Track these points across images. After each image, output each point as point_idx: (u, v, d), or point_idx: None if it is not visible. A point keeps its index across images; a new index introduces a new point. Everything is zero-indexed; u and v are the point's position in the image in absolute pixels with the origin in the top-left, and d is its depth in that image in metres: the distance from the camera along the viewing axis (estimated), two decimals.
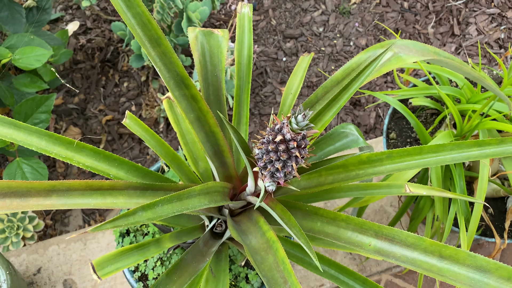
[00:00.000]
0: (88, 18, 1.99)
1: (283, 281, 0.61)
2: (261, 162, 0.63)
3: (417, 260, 0.60)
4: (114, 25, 1.64)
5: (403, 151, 0.62)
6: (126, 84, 1.83)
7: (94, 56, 1.88)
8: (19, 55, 1.28)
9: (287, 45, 1.84)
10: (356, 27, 1.88)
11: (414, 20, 1.90)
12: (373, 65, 0.65)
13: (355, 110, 1.72)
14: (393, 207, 1.44)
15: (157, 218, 0.49)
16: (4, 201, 0.57)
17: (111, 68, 1.87)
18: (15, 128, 0.69)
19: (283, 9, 1.93)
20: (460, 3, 1.94)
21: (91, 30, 1.96)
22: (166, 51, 0.67)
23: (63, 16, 2.02)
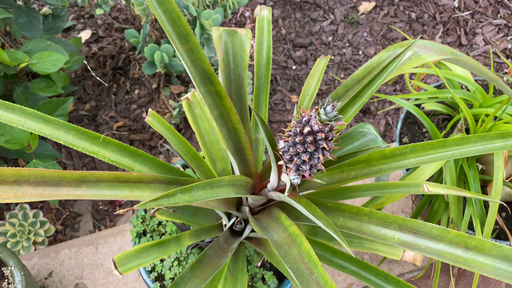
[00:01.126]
0: (100, 27, 2.03)
1: (308, 272, 0.62)
2: (287, 155, 0.64)
3: (442, 252, 0.61)
4: (127, 33, 1.67)
5: (426, 144, 0.64)
6: (137, 91, 1.85)
7: (106, 64, 1.91)
8: (36, 60, 1.30)
9: (296, 53, 1.87)
10: (365, 37, 1.91)
11: (422, 30, 1.93)
12: (396, 61, 0.66)
13: (365, 118, 1.73)
14: (404, 213, 1.44)
15: (193, 201, 0.50)
16: (37, 190, 0.58)
17: (123, 75, 1.89)
18: (43, 122, 0.70)
19: (293, 18, 1.96)
20: (466, 14, 1.97)
21: (103, 38, 1.99)
22: (194, 48, 0.68)
23: (75, 25, 2.05)
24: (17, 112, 0.69)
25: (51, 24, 1.58)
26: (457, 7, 1.99)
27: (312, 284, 0.60)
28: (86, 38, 1.98)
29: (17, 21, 1.37)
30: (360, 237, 0.94)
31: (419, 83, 1.27)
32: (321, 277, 0.60)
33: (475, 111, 1.11)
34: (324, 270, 0.60)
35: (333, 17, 1.96)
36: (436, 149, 0.63)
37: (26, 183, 0.58)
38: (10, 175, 0.57)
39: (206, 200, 0.74)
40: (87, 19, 2.07)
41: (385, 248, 0.92)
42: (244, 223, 0.89)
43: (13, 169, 0.57)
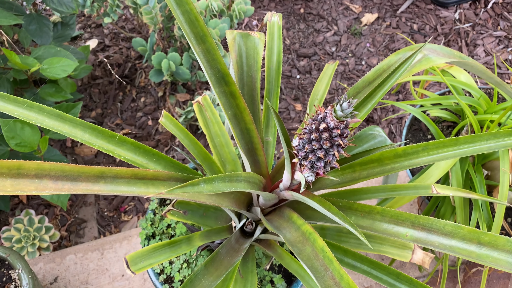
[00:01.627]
0: (106, 36, 2.05)
1: (323, 268, 0.63)
2: (301, 152, 0.65)
3: (455, 248, 0.62)
4: (134, 41, 1.69)
5: (438, 143, 0.65)
6: (143, 99, 1.87)
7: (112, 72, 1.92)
8: (47, 65, 1.32)
9: (300, 63, 1.89)
10: (368, 47, 1.93)
11: (423, 41, 1.96)
12: (408, 62, 0.68)
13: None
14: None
15: (215, 191, 0.51)
16: (57, 184, 0.59)
17: (129, 84, 1.91)
18: (61, 120, 0.72)
19: (297, 29, 1.99)
20: (467, 26, 2.01)
21: (109, 47, 2.01)
22: (210, 48, 0.70)
23: (81, 34, 2.08)
24: (35, 110, 0.71)
25: (60, 32, 1.60)
26: (458, 19, 2.02)
27: (327, 279, 0.61)
28: (93, 47, 2.01)
29: (28, 27, 1.39)
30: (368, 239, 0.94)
31: (423, 91, 1.29)
32: (336, 272, 0.61)
33: (480, 117, 1.13)
34: (339, 265, 0.61)
35: (336, 28, 1.99)
36: (448, 147, 0.64)
37: (47, 177, 0.59)
38: (31, 169, 0.58)
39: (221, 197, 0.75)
40: (94, 28, 2.09)
41: (394, 250, 0.92)
42: (255, 224, 0.90)
43: (35, 162, 0.58)
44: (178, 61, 1.63)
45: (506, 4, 2.06)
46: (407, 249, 0.89)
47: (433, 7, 2.05)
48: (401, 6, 2.05)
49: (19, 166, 0.57)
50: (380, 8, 2.04)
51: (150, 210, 1.08)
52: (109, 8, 1.67)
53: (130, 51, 2.00)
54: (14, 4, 1.44)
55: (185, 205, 0.94)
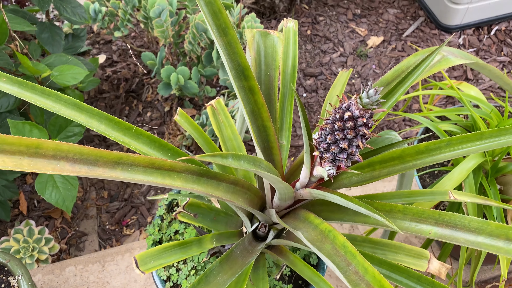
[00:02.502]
0: (115, 53, 2.07)
1: (345, 264, 0.60)
2: (323, 144, 0.64)
3: (482, 244, 0.60)
4: (144, 55, 1.71)
5: (462, 138, 0.64)
6: (150, 114, 1.86)
7: (120, 87, 1.93)
8: (57, 72, 1.32)
9: (307, 82, 1.90)
10: (373, 69, 1.95)
11: None
12: (429, 59, 0.68)
13: None
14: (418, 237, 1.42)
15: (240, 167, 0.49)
16: (74, 167, 0.58)
17: (135, 98, 1.91)
18: (77, 110, 0.71)
19: (304, 50, 2.01)
20: (471, 51, 2.04)
21: (117, 63, 2.03)
22: (232, 41, 0.70)
23: (90, 50, 2.09)
24: (52, 98, 0.70)
25: (70, 43, 1.62)
26: (462, 44, 2.06)
27: (350, 274, 0.59)
28: (101, 62, 2.02)
29: (41, 35, 1.40)
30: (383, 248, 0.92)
31: (432, 107, 1.29)
32: (360, 266, 0.58)
33: None
34: (363, 259, 0.58)
35: (342, 49, 2.02)
36: (472, 141, 0.63)
37: (64, 159, 0.57)
38: (50, 149, 0.56)
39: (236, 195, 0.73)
40: (102, 45, 2.12)
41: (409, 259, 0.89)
42: (268, 228, 0.87)
43: (53, 142, 0.56)
44: (187, 75, 1.63)
45: (509, 31, 2.10)
46: (423, 258, 0.86)
47: (438, 32, 2.08)
48: (406, 30, 2.09)
49: (37, 145, 0.55)
50: (386, 32, 2.08)
51: (158, 216, 1.06)
52: (120, 22, 1.70)
53: (137, 67, 2.01)
54: (28, 13, 1.45)
55: (195, 208, 0.92)
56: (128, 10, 1.67)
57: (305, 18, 2.11)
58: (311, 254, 1.02)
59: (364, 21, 2.12)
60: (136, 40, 2.10)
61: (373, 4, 2.20)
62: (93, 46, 2.11)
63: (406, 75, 0.69)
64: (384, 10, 2.17)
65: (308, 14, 2.13)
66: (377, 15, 2.15)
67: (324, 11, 2.15)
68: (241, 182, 0.76)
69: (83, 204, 1.65)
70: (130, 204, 1.65)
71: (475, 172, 1.10)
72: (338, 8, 2.17)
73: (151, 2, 1.52)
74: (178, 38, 1.74)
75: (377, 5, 2.19)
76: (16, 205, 1.64)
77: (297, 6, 2.13)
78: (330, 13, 2.15)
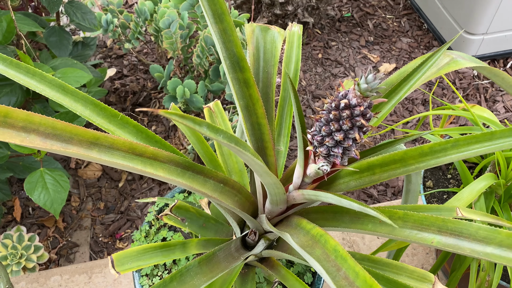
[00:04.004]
0: (125, 67, 2.07)
1: (335, 269, 0.54)
2: (317, 136, 0.59)
3: (491, 255, 0.53)
4: (152, 67, 1.70)
5: (470, 138, 0.58)
6: (154, 128, 1.84)
7: (127, 99, 1.92)
8: (60, 74, 1.31)
9: (315, 104, 1.87)
10: None
11: (442, 93, 1.94)
12: (436, 56, 0.64)
13: None
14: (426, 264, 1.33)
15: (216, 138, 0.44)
16: (45, 142, 0.54)
17: (141, 112, 1.89)
18: (62, 92, 0.68)
19: (314, 72, 1.99)
20: (486, 82, 1.99)
21: (127, 77, 2.03)
22: (227, 29, 0.67)
23: (101, 63, 2.10)
24: (37, 78, 0.67)
25: (80, 51, 1.62)
26: (477, 75, 2.01)
27: (340, 279, 0.52)
28: (111, 75, 2.02)
29: (49, 39, 1.40)
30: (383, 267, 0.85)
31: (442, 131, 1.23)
32: (350, 270, 0.52)
33: (507, 154, 1.06)
34: (354, 263, 0.52)
35: (353, 74, 1.99)
36: (481, 142, 0.58)
37: (35, 132, 0.53)
38: (19, 119, 0.52)
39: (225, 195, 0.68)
40: (114, 59, 2.13)
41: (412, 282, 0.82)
42: (258, 236, 0.81)
43: (24, 112, 0.52)
44: (193, 88, 1.61)
45: None
46: (427, 281, 0.79)
47: None
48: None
49: (6, 114, 0.51)
50: (398, 59, 2.05)
51: (146, 222, 1.00)
52: (131, 34, 1.70)
53: (146, 82, 2.00)
54: (39, 18, 1.46)
55: (184, 212, 0.87)
56: (140, 22, 1.67)
57: (317, 42, 2.10)
58: (305, 272, 0.95)
59: (377, 48, 2.10)
60: (147, 56, 2.11)
61: (387, 33, 2.18)
62: (105, 60, 2.12)
63: (411, 72, 0.65)
64: (398, 39, 2.15)
65: (320, 39, 2.12)
66: (390, 43, 2.13)
67: (336, 37, 2.14)
68: (231, 182, 0.71)
69: (78, 214, 1.61)
70: (126, 217, 1.60)
71: (486, 196, 1.03)
72: (351, 35, 2.16)
73: (161, 13, 1.52)
74: (188, 53, 1.73)
75: (390, 34, 2.18)
76: (11, 211, 1.60)
77: (310, 30, 2.13)
78: (342, 39, 2.13)
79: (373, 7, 2.30)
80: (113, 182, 1.69)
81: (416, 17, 2.26)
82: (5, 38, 1.22)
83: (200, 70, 1.65)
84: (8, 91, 1.26)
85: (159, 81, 1.70)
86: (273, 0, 1.88)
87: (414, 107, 1.88)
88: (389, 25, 2.22)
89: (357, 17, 2.24)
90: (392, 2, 2.34)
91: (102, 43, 2.19)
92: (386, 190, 1.65)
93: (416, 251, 1.41)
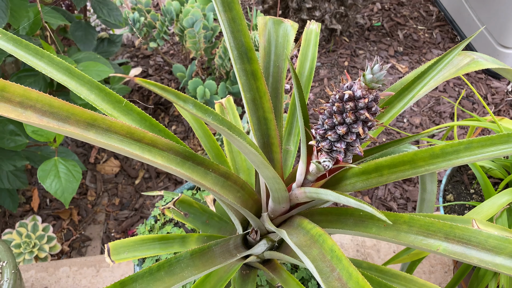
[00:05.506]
0: (151, 67, 2.10)
1: (329, 269, 0.51)
2: (320, 130, 0.56)
3: (501, 266, 0.49)
4: (175, 67, 1.71)
5: (485, 139, 0.54)
6: (174, 128, 1.84)
7: (149, 98, 1.94)
8: (83, 67, 1.33)
9: None
10: (411, 106, 1.86)
11: (472, 108, 1.86)
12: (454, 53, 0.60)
13: (405, 185, 1.62)
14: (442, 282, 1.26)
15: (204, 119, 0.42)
16: (42, 119, 0.53)
17: (163, 111, 1.91)
18: (69, 75, 0.67)
19: (338, 80, 1.95)
20: None
21: (151, 76, 2.05)
22: (236, 17, 0.65)
23: (128, 62, 2.14)
24: (45, 60, 0.67)
25: (105, 47, 1.65)
26: (510, 91, 1.93)
27: (332, 280, 0.49)
28: (136, 74, 2.05)
29: (75, 33, 1.42)
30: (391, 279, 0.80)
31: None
32: (344, 271, 0.49)
33: None
34: (349, 263, 0.49)
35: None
36: (497, 144, 0.53)
37: (32, 109, 0.53)
38: (16, 94, 0.52)
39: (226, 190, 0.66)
40: (141, 59, 2.16)
41: None
42: (260, 236, 0.78)
43: (22, 87, 0.52)
44: (214, 89, 1.61)
45: None
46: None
47: (484, 76, 1.97)
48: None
49: (3, 88, 0.51)
50: None
51: (152, 216, 0.99)
52: (156, 33, 1.72)
53: (171, 83, 2.02)
54: (67, 13, 1.50)
55: (187, 206, 0.85)
56: (166, 22, 1.69)
57: (344, 50, 2.06)
58: (310, 279, 0.91)
59: (406, 59, 2.05)
60: (173, 58, 2.13)
61: (417, 44, 2.12)
62: (132, 59, 2.15)
63: (425, 70, 0.61)
64: (428, 50, 2.09)
65: (348, 47, 2.08)
66: (420, 54, 2.07)
67: (364, 45, 2.10)
68: (233, 177, 0.68)
69: (93, 208, 1.62)
70: (139, 214, 1.60)
71: (510, 213, 0.97)
72: (380, 44, 2.11)
73: (186, 12, 1.53)
74: (211, 55, 1.74)
75: (421, 45, 2.12)
76: (29, 201, 1.63)
77: (337, 37, 2.10)
78: (370, 48, 2.09)
79: (404, 18, 2.25)
80: (130, 179, 1.69)
81: (449, 29, 2.19)
82: (31, 29, 1.25)
83: (221, 71, 1.65)
84: (32, 81, 1.29)
85: (181, 80, 1.71)
86: (301, 5, 1.87)
87: (442, 120, 1.82)
88: (420, 36, 2.16)
89: (387, 26, 2.20)
90: (424, 13, 2.28)
91: (131, 42, 2.23)
92: (407, 204, 1.59)
93: (434, 268, 1.34)
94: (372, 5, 2.31)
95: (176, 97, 0.39)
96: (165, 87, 0.38)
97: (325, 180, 0.65)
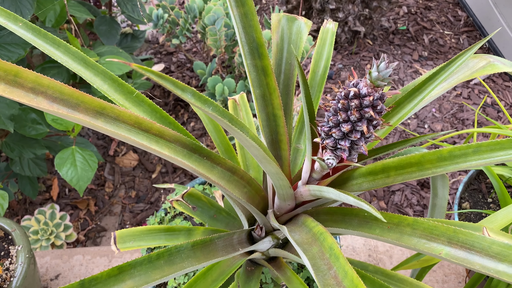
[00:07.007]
0: (174, 64, 2.12)
1: (327, 267, 0.51)
2: (325, 127, 0.56)
3: (503, 273, 0.47)
4: (196, 64, 1.72)
5: (495, 143, 0.53)
6: (193, 124, 1.86)
7: (170, 94, 1.96)
8: (104, 61, 1.35)
9: None
10: (433, 112, 1.82)
11: (496, 116, 1.81)
12: (467, 54, 0.59)
13: (422, 191, 1.59)
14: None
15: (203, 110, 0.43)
16: (52, 106, 0.54)
17: (183, 108, 1.93)
18: (83, 65, 0.69)
19: None
20: None
21: (173, 73, 2.07)
22: (248, 13, 0.66)
23: (151, 58, 2.17)
24: (61, 50, 0.68)
25: (129, 42, 1.68)
26: None
27: (328, 278, 0.49)
28: (159, 70, 2.08)
29: (99, 27, 1.46)
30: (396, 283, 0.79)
31: None
32: (340, 269, 0.48)
33: None
34: (345, 262, 0.48)
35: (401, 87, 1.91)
36: (507, 149, 0.52)
37: (43, 95, 0.54)
38: (29, 80, 0.53)
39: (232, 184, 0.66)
40: (164, 55, 2.18)
41: None
42: (266, 233, 0.78)
43: (34, 73, 0.53)
44: (233, 87, 1.62)
45: None
46: None
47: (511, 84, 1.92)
48: (475, 78, 1.94)
49: (16, 73, 0.53)
50: None
51: (162, 209, 1.00)
52: (179, 30, 1.74)
53: (192, 80, 2.04)
54: (93, 7, 1.53)
55: (195, 200, 0.86)
56: (189, 19, 1.71)
57: (367, 53, 2.04)
58: None
59: (430, 64, 2.01)
60: (196, 55, 2.15)
61: (443, 49, 2.08)
62: (155, 56, 2.18)
63: (438, 70, 0.60)
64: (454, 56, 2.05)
65: (371, 49, 2.06)
66: (445, 60, 2.03)
67: (388, 49, 2.07)
68: (240, 172, 0.69)
69: (110, 200, 1.65)
70: (154, 208, 1.62)
71: None
72: (404, 48, 2.08)
73: (208, 9, 1.54)
74: (232, 53, 1.75)
75: (446, 50, 2.08)
76: (49, 190, 1.67)
77: (361, 40, 2.07)
78: (394, 52, 2.06)
79: (431, 22, 2.21)
80: (147, 173, 1.72)
81: (477, 34, 2.14)
82: (57, 22, 1.28)
83: (241, 70, 1.66)
84: (55, 72, 1.33)
85: (201, 77, 1.72)
86: (324, 7, 1.86)
87: (464, 127, 1.77)
88: (446, 41, 2.12)
89: (413, 30, 2.16)
90: (452, 18, 2.24)
91: (155, 39, 2.26)
92: (423, 211, 1.56)
93: (447, 278, 1.31)
94: (398, 8, 2.27)
95: (174, 85, 0.40)
96: (163, 74, 0.39)
97: (331, 179, 0.65)
